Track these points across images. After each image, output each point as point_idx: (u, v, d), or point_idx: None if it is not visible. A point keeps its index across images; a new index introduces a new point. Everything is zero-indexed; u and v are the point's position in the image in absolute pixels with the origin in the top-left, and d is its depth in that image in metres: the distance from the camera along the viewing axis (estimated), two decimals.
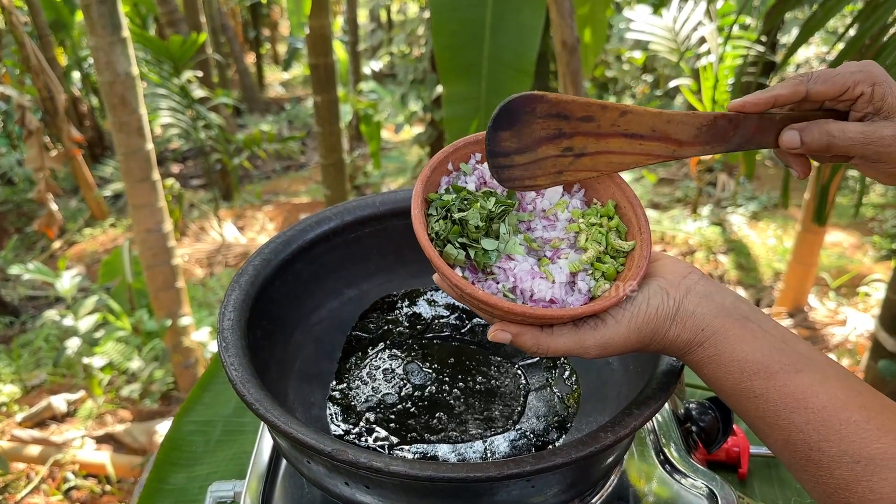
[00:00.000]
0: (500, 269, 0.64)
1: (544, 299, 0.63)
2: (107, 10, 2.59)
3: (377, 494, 0.65)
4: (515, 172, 0.62)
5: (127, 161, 2.82)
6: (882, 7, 1.68)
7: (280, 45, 12.58)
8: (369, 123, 6.14)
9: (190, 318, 3.25)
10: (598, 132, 0.64)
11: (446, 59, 2.34)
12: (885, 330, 2.44)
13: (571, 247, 0.67)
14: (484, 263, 0.64)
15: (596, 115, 0.63)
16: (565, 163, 0.64)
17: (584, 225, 0.67)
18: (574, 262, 0.65)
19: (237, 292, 0.76)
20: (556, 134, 0.62)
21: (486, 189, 0.67)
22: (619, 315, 0.61)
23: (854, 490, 0.51)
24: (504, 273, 0.64)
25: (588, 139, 0.64)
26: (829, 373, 0.55)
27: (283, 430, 0.60)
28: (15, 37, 4.78)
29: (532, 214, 0.68)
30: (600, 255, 0.66)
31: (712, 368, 0.59)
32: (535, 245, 0.66)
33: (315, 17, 4.07)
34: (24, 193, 6.31)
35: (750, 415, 0.57)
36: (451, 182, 0.68)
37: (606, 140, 0.64)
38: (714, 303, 0.60)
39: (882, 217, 4.93)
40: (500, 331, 0.62)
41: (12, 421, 3.35)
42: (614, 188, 0.68)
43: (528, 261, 0.65)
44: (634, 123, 0.64)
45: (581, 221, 0.67)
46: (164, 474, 1.05)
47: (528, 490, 0.64)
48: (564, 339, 0.62)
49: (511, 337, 0.62)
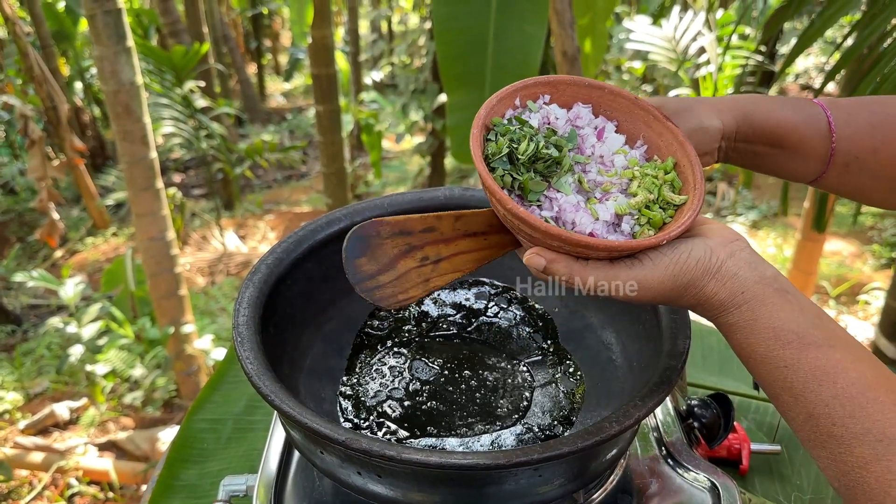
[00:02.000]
0: (545, 198, 0.65)
1: (584, 232, 0.64)
2: (112, 20, 2.62)
3: (388, 483, 0.66)
4: (386, 291, 0.66)
5: (131, 169, 2.85)
6: (879, 17, 1.71)
7: (281, 55, 12.64)
8: (370, 133, 6.17)
9: (192, 325, 3.27)
10: (445, 238, 0.68)
11: (449, 68, 2.36)
12: (885, 337, 2.45)
13: (622, 192, 0.67)
14: (530, 190, 0.65)
15: (435, 226, 0.67)
16: (427, 271, 0.68)
17: (639, 173, 0.67)
18: (622, 205, 0.65)
19: (251, 289, 0.78)
20: (407, 249, 0.67)
21: (549, 128, 0.68)
22: (658, 258, 0.61)
23: (872, 469, 0.51)
24: (549, 202, 0.65)
25: (438, 246, 0.68)
26: (861, 354, 0.56)
27: (299, 420, 0.62)
28: (18, 47, 4.82)
29: (589, 158, 0.68)
30: (650, 203, 0.65)
31: (745, 333, 0.59)
32: (587, 186, 0.67)
33: (317, 28, 4.10)
34: (26, 203, 6.33)
35: (776, 385, 0.58)
36: (516, 115, 0.68)
37: (455, 243, 0.68)
38: (756, 271, 0.60)
39: (881, 226, 4.95)
40: (535, 255, 0.63)
41: (15, 428, 3.36)
42: (676, 146, 0.68)
43: (576, 197, 0.65)
44: (472, 224, 0.69)
45: (636, 169, 0.67)
46: (175, 471, 1.07)
47: (535, 479, 0.66)
48: (598, 273, 0.62)
49: (545, 263, 0.63)
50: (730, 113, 0.72)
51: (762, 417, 1.13)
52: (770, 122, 0.72)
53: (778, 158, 0.75)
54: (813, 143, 0.72)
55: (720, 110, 0.72)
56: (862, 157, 0.72)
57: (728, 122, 0.72)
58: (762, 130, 0.72)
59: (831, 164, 0.73)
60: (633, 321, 0.83)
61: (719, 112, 0.72)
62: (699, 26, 4.26)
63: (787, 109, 0.72)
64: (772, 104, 0.73)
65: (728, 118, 0.72)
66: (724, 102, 0.73)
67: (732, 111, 0.72)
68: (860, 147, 0.72)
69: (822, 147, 0.72)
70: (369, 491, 0.68)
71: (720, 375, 1.31)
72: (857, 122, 0.72)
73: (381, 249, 0.65)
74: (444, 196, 0.95)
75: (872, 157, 0.72)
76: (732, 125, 0.72)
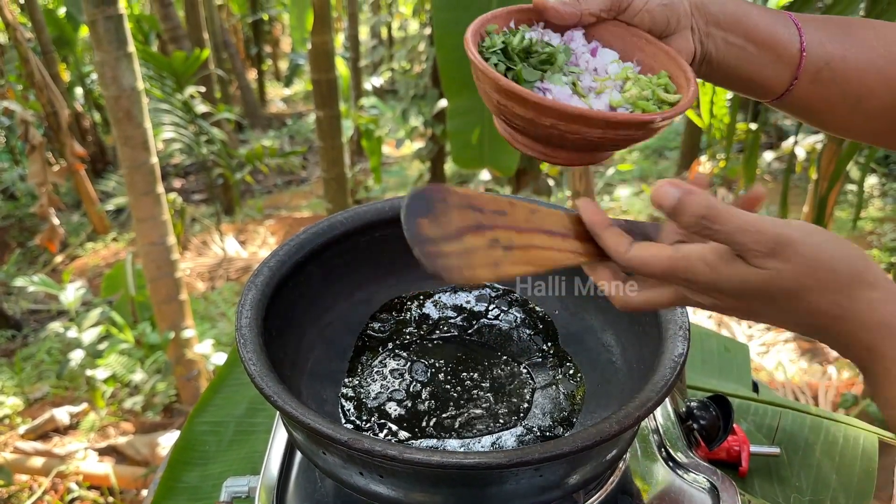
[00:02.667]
0: (538, 90, 0.64)
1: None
2: (113, 26, 2.63)
3: (390, 483, 0.67)
4: (451, 261, 0.56)
5: (131, 174, 2.86)
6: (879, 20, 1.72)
7: (281, 61, 12.67)
8: (370, 138, 6.19)
9: (192, 330, 3.27)
10: (518, 227, 0.60)
11: (449, 73, 2.37)
12: None
13: (617, 90, 0.67)
14: (524, 80, 0.64)
15: (508, 210, 0.60)
16: (498, 255, 0.59)
17: (633, 75, 0.67)
18: (616, 98, 0.65)
19: (254, 292, 0.79)
20: (476, 225, 0.58)
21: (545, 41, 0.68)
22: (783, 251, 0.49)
23: None
24: (542, 93, 0.64)
25: (511, 233, 0.60)
26: None
27: (301, 420, 0.63)
28: (19, 53, 4.84)
29: (583, 71, 0.68)
30: (644, 98, 0.65)
31: None
32: (581, 91, 0.66)
33: (318, 34, 4.12)
34: (27, 208, 6.34)
35: None
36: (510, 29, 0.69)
37: (529, 235, 0.61)
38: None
39: (881, 231, 4.96)
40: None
41: (15, 433, 3.36)
42: (668, 61, 0.68)
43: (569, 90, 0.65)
44: (548, 221, 0.62)
45: (631, 72, 0.68)
46: (178, 473, 1.07)
47: (536, 479, 0.66)
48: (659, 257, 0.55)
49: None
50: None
51: (761, 419, 1.14)
52: (741, 9, 0.72)
53: (750, 58, 0.73)
54: (784, 43, 0.72)
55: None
56: (832, 64, 0.72)
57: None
58: (734, 16, 0.71)
59: (802, 69, 0.72)
60: (633, 323, 0.84)
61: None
62: None
63: (757, 8, 0.73)
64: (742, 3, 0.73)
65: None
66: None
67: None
68: (830, 52, 0.72)
69: (793, 49, 0.72)
70: (371, 491, 0.69)
71: (720, 378, 1.32)
72: (826, 32, 0.73)
73: (446, 216, 0.57)
74: None
75: (840, 65, 0.73)
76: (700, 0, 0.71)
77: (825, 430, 1.12)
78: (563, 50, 0.68)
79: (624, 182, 6.30)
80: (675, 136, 7.02)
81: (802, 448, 1.09)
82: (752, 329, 3.99)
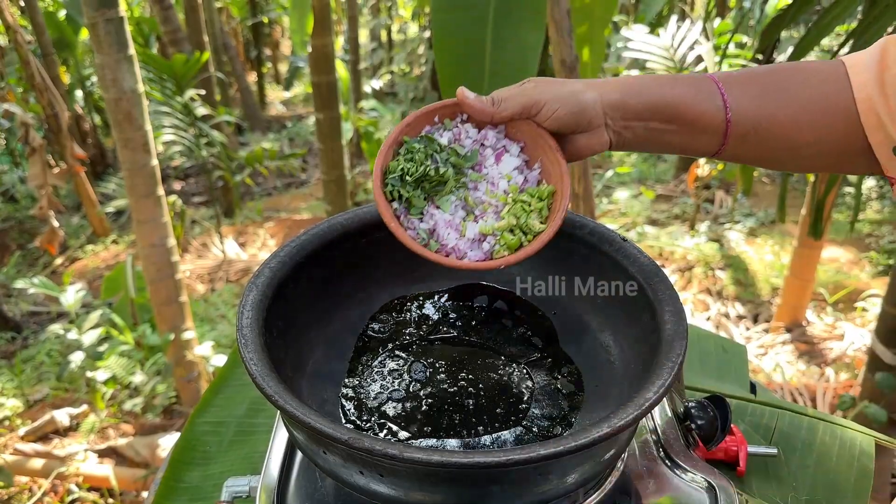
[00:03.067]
0: (426, 212, 0.78)
1: (447, 246, 0.78)
2: (113, 29, 2.64)
3: (390, 483, 0.68)
4: None
5: (132, 177, 2.86)
6: (874, 25, 1.73)
7: (281, 64, 12.68)
8: (370, 141, 6.19)
9: (192, 332, 3.28)
10: None
11: (448, 76, 2.38)
12: (881, 343, 2.46)
13: (496, 213, 0.78)
14: (413, 205, 0.77)
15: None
16: None
17: (512, 200, 0.78)
18: (487, 225, 0.77)
19: (255, 292, 0.79)
20: None
21: (456, 146, 0.79)
22: None
23: None
24: (429, 216, 0.78)
25: None
26: None
27: (302, 420, 0.63)
28: (19, 55, 4.84)
29: (483, 177, 0.79)
30: (513, 227, 0.77)
31: None
32: (472, 202, 0.79)
33: (318, 36, 4.13)
34: (27, 210, 6.34)
35: None
36: (431, 132, 0.79)
37: None
38: None
39: (879, 233, 4.97)
40: None
41: (15, 435, 3.36)
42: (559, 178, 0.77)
43: (457, 214, 0.78)
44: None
45: (510, 196, 0.78)
46: (179, 473, 1.08)
47: (535, 478, 0.67)
48: None
49: None
50: (613, 90, 0.74)
51: (759, 420, 1.15)
52: (664, 98, 0.74)
53: (675, 135, 0.76)
54: (709, 115, 0.74)
55: (602, 89, 0.74)
56: (760, 126, 0.74)
57: (609, 97, 0.74)
58: (655, 106, 0.74)
59: (729, 135, 0.75)
60: (632, 324, 0.85)
61: (600, 88, 0.74)
62: (696, 35, 4.28)
63: (680, 86, 0.74)
64: (664, 81, 0.75)
65: (610, 93, 0.74)
66: (610, 83, 0.75)
67: (617, 89, 0.74)
68: (757, 116, 0.74)
69: (718, 119, 0.74)
70: (371, 490, 0.69)
71: (717, 379, 1.32)
72: (751, 94, 0.74)
73: None
74: None
75: (768, 126, 0.74)
76: (616, 99, 0.74)
77: (822, 432, 1.13)
78: (471, 156, 0.79)
79: (622, 184, 6.31)
80: None
81: (799, 449, 1.09)
82: (750, 331, 4.00)
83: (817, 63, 0.75)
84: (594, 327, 0.91)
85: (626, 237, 0.88)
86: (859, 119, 0.71)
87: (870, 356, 2.56)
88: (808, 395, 3.35)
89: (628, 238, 0.87)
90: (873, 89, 0.70)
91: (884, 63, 0.70)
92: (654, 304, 0.79)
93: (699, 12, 6.78)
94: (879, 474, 2.47)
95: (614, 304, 0.88)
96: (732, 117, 0.74)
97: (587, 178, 2.66)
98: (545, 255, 0.92)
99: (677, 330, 0.75)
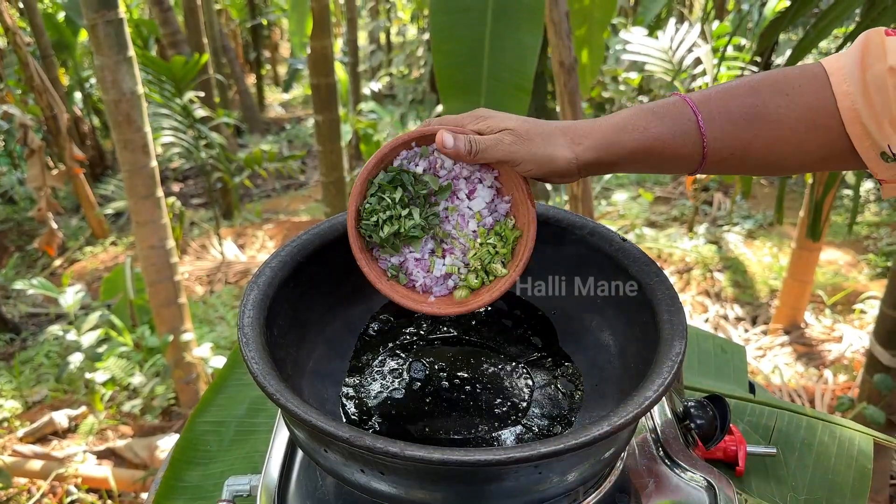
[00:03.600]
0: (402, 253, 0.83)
1: (416, 282, 0.83)
2: (113, 30, 2.64)
3: (391, 481, 0.68)
4: None
5: (131, 178, 2.86)
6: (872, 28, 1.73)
7: (280, 66, 12.69)
8: (369, 143, 6.20)
9: (191, 333, 3.28)
10: None
11: (446, 78, 2.38)
12: (879, 344, 2.47)
13: (463, 252, 0.83)
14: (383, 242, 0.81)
15: None
16: None
17: (480, 242, 0.83)
18: (454, 265, 0.83)
19: (255, 292, 0.80)
20: None
21: (431, 175, 0.81)
22: None
23: None
24: (400, 254, 0.83)
25: None
26: None
27: (303, 418, 0.63)
28: (19, 57, 4.84)
29: (454, 209, 0.83)
30: (477, 269, 0.83)
31: None
32: (442, 234, 0.83)
33: (317, 38, 4.14)
34: (25, 212, 6.34)
35: None
36: (409, 157, 0.81)
37: None
38: None
39: (877, 235, 4.97)
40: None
41: (14, 436, 3.36)
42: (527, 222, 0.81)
43: (426, 247, 0.83)
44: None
45: (479, 240, 0.83)
46: (179, 472, 1.08)
47: (535, 477, 0.67)
48: None
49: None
50: (591, 145, 0.75)
51: (758, 420, 1.15)
52: (638, 143, 0.75)
53: (650, 167, 0.78)
54: (685, 150, 0.75)
55: (579, 143, 0.75)
56: (736, 154, 0.75)
57: (585, 157, 0.75)
58: (632, 153, 0.75)
59: (705, 164, 0.76)
60: (631, 323, 0.85)
61: (577, 144, 0.75)
62: (695, 37, 4.29)
63: (657, 125, 0.75)
64: (642, 122, 0.75)
65: (586, 152, 0.75)
66: (590, 133, 0.76)
67: (595, 144, 0.75)
68: (734, 145, 0.75)
69: (695, 152, 0.75)
70: (372, 489, 0.70)
71: (716, 379, 1.33)
72: (730, 119, 0.74)
73: None
74: None
75: (745, 151, 0.75)
76: (591, 159, 0.75)
77: (821, 431, 1.13)
78: (445, 188, 0.82)
79: (621, 186, 6.32)
80: None
81: (798, 448, 1.10)
82: (749, 333, 4.00)
83: (798, 73, 0.74)
84: (594, 327, 0.91)
85: (625, 237, 0.88)
86: (844, 129, 0.71)
87: (868, 358, 2.57)
88: (807, 396, 3.35)
89: (627, 240, 0.88)
90: (857, 98, 0.70)
91: (864, 63, 0.70)
92: (654, 304, 0.79)
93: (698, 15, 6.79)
94: (879, 476, 2.48)
95: (614, 303, 0.88)
96: (709, 148, 0.75)
97: (586, 180, 2.67)
98: (545, 255, 0.92)
99: (676, 329, 0.75)
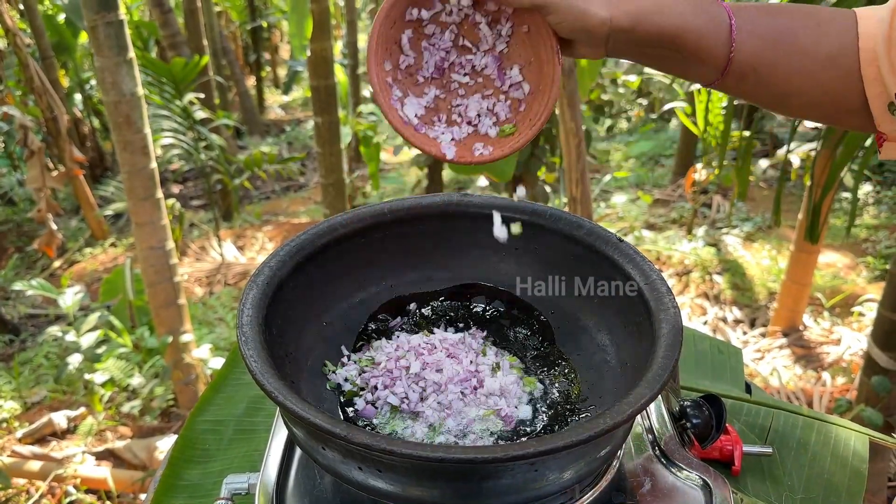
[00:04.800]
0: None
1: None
2: (113, 32, 2.65)
3: (388, 478, 0.68)
4: None
5: (131, 179, 2.87)
6: None
7: (280, 68, 12.69)
8: (369, 145, 6.20)
9: (191, 335, 3.28)
10: None
11: None
12: (877, 346, 2.48)
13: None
14: None
15: None
16: None
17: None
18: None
19: (255, 291, 0.80)
20: None
21: None
22: None
23: None
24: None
25: None
26: None
27: (302, 415, 0.64)
28: (19, 58, 4.85)
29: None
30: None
31: None
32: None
33: (317, 41, 4.14)
34: (25, 213, 6.34)
35: None
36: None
37: None
38: None
39: (876, 238, 4.98)
40: None
41: (13, 437, 3.36)
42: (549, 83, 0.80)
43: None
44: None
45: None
46: (178, 470, 1.09)
47: (532, 475, 0.68)
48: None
49: None
50: (629, 10, 0.73)
51: (754, 420, 1.16)
52: (672, 26, 0.73)
53: (675, 62, 0.77)
54: (712, 51, 0.74)
55: (617, 6, 0.73)
56: (760, 71, 0.74)
57: (619, 19, 0.72)
58: (661, 34, 0.73)
59: (727, 73, 0.75)
60: (628, 323, 0.85)
61: (615, 7, 0.73)
62: None
63: (694, 17, 0.73)
64: (680, 7, 0.73)
65: (622, 15, 0.73)
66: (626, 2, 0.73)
67: (633, 11, 0.73)
68: (760, 60, 0.74)
69: (721, 56, 0.74)
70: (370, 486, 0.70)
71: (713, 380, 1.33)
72: (760, 34, 0.74)
73: None
74: (442, 201, 0.98)
75: (769, 71, 0.74)
76: (626, 23, 0.73)
77: (817, 431, 1.13)
78: None
79: (620, 189, 6.33)
80: (670, 143, 7.05)
81: (794, 448, 1.10)
82: (747, 335, 4.01)
83: (832, 12, 0.74)
84: (591, 327, 0.92)
85: (622, 238, 0.89)
86: (860, 72, 0.71)
87: (866, 360, 2.57)
88: (805, 399, 3.36)
89: (624, 239, 0.89)
90: (879, 42, 0.70)
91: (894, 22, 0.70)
92: (651, 304, 0.80)
93: None
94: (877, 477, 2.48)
95: (611, 303, 0.89)
96: (735, 57, 0.73)
97: (585, 182, 2.68)
98: (545, 255, 0.93)
99: (673, 329, 0.76)
